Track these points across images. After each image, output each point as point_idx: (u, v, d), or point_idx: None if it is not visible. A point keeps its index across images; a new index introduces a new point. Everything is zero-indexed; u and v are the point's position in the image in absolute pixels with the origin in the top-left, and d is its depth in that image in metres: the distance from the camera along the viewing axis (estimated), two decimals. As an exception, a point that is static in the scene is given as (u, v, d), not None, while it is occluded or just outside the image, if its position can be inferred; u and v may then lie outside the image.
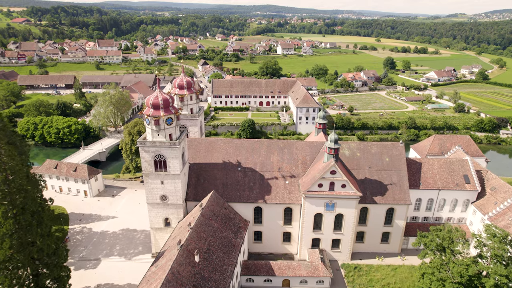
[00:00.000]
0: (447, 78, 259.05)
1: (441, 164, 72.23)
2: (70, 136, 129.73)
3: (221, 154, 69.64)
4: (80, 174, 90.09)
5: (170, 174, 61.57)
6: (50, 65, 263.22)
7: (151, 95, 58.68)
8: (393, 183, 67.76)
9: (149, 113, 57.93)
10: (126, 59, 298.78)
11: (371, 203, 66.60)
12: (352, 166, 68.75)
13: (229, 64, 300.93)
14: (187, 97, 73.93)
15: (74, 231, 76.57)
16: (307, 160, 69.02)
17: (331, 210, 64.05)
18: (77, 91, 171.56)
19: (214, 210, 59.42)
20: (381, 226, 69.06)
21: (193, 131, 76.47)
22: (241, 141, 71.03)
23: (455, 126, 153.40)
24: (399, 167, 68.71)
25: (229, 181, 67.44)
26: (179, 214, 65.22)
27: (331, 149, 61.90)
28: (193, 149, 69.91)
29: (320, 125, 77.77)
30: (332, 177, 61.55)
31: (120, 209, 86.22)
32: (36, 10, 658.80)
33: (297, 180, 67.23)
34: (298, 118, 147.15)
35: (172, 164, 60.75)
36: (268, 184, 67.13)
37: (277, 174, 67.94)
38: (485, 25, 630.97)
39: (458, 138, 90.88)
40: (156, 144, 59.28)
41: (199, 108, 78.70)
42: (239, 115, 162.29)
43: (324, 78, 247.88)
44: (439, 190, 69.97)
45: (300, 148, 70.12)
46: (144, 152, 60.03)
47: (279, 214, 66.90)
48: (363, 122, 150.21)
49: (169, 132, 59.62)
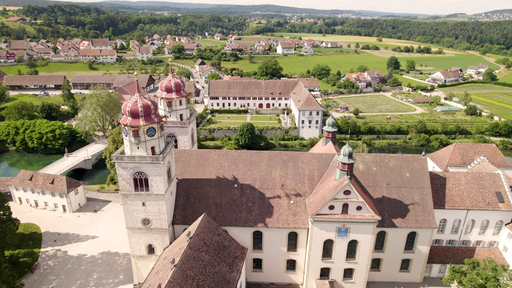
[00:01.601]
0: (453, 79, 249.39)
1: (469, 179, 62.55)
2: (54, 141, 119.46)
3: (215, 168, 59.91)
4: (57, 187, 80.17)
5: (153, 195, 51.77)
6: (41, 64, 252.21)
7: (128, 101, 48.95)
8: (415, 202, 58.07)
9: (127, 123, 48.18)
10: (121, 58, 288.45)
11: (390, 226, 56.94)
12: (367, 183, 59.04)
13: (227, 64, 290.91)
14: (175, 102, 64.19)
15: (46, 255, 66.69)
16: (315, 176, 59.31)
17: (343, 236, 54.38)
18: (66, 92, 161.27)
19: (205, 238, 49.60)
20: (401, 253, 59.45)
21: (182, 140, 66.69)
22: (238, 153, 61.27)
23: (468, 130, 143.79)
24: (422, 184, 59.01)
25: (223, 201, 57.73)
26: (165, 240, 55.43)
27: (344, 164, 52.23)
28: (182, 163, 60.16)
29: (329, 133, 68.08)
30: (346, 198, 51.85)
31: (102, 227, 76.41)
32: (32, 9, 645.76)
33: (304, 200, 57.52)
34: (301, 121, 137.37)
35: (155, 183, 50.97)
36: (270, 204, 57.41)
37: (280, 192, 58.23)
38: (488, 25, 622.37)
39: (482, 147, 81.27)
40: (135, 160, 49.49)
41: (190, 114, 68.93)
42: (237, 118, 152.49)
43: (326, 78, 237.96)
44: (467, 210, 60.29)
45: (307, 161, 60.37)
46: (122, 169, 50.19)
47: (283, 239, 57.19)
48: (370, 126, 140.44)
49: (151, 144, 49.87)
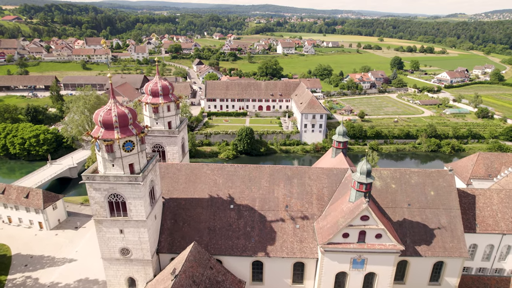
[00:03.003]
0: (460, 79, 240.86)
1: (502, 198, 54.04)
2: (38, 147, 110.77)
3: (208, 185, 51.32)
4: (33, 202, 71.41)
5: (132, 221, 43.18)
6: (32, 64, 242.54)
7: (101, 109, 40.27)
8: (442, 226, 49.50)
9: (99, 135, 39.56)
10: (116, 58, 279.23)
11: (413, 255, 48.37)
12: (386, 203, 50.49)
13: (226, 64, 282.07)
14: (162, 107, 55.59)
15: (13, 284, 57.87)
16: (324, 195, 50.74)
17: (359, 268, 45.83)
18: (54, 94, 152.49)
19: (194, 275, 40.99)
20: (425, 285, 50.87)
21: (171, 152, 58.07)
22: (235, 168, 52.64)
23: (481, 134, 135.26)
24: (450, 204, 50.46)
25: (217, 225, 49.15)
26: (148, 273, 46.79)
27: (361, 184, 43.68)
28: (169, 179, 51.56)
29: (339, 143, 59.35)
30: (363, 225, 43.31)
31: (82, 247, 67.65)
32: (29, 8, 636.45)
33: (312, 223, 48.97)
34: (303, 125, 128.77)
35: (134, 207, 42.36)
36: (272, 228, 48.85)
37: (284, 214, 49.68)
38: (490, 25, 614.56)
39: (509, 157, 72.71)
40: (109, 180, 40.86)
41: (180, 121, 60.38)
42: (235, 122, 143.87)
43: (329, 79, 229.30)
44: (502, 234, 51.83)
45: (315, 178, 51.77)
46: (94, 191, 41.56)
47: (287, 270, 48.63)
48: (377, 130, 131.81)
49: (129, 161, 41.23)
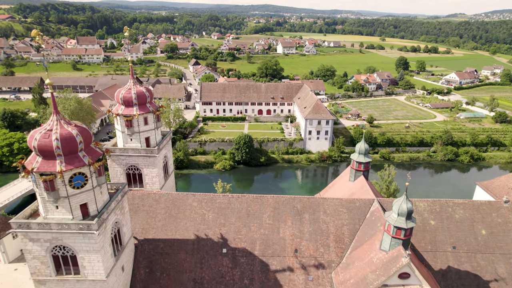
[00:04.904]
0: (469, 80, 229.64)
1: None
2: (11, 157, 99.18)
3: (193, 222, 39.81)
4: (-12, 230, 59.76)
5: (87, 280, 31.59)
6: (19, 64, 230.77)
7: (36, 130, 28.65)
8: (499, 277, 38.08)
9: (35, 167, 27.99)
10: (109, 58, 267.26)
11: (463, 316, 37.05)
12: (424, 245, 39.04)
13: (224, 64, 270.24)
14: (138, 120, 43.97)
15: None
16: (345, 235, 39.25)
17: (394, 339, 34.36)
18: (37, 97, 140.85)
19: None
20: None
21: (149, 175, 46.36)
22: (228, 199, 41.08)
23: (501, 141, 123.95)
24: (508, 248, 39.08)
25: (206, 276, 37.63)
26: None
27: (399, 229, 32.18)
28: (144, 213, 40.03)
29: (360, 164, 47.58)
30: (402, 285, 31.83)
31: (46, 286, 56.01)
32: (24, 7, 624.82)
33: (329, 274, 37.49)
34: (307, 132, 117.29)
35: (89, 263, 30.79)
36: (277, 281, 37.36)
37: (293, 261, 38.19)
38: (493, 24, 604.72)
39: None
40: (51, 227, 29.27)
41: (162, 136, 48.79)
42: (233, 127, 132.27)
43: (332, 80, 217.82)
44: None
45: (332, 212, 40.29)
46: (31, 242, 29.99)
47: (297, 337, 37.19)
48: (388, 137, 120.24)
49: (80, 200, 29.59)
